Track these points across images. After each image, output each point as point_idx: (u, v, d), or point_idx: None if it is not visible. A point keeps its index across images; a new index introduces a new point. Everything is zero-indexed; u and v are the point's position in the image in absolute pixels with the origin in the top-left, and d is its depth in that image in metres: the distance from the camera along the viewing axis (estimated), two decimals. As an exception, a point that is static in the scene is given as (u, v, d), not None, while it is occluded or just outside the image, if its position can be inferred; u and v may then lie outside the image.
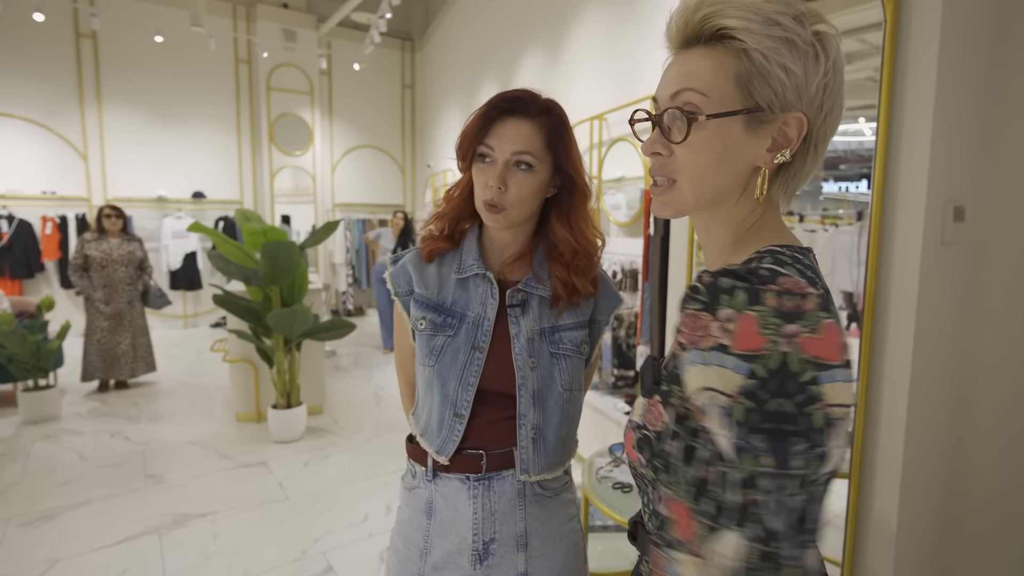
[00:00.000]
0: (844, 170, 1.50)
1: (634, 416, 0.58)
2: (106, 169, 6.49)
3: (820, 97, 0.53)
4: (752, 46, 0.50)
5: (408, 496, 0.99)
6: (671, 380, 0.53)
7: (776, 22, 0.50)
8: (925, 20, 1.20)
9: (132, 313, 4.31)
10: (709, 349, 0.45)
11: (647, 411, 0.56)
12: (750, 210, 0.57)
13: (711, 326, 0.46)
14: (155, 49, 6.41)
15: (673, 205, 0.57)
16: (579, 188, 0.92)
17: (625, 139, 3.36)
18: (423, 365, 0.93)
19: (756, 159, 0.54)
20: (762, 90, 0.52)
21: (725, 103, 0.52)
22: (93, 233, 4.19)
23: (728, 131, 0.53)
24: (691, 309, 0.48)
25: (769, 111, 0.52)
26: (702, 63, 0.53)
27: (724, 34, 0.52)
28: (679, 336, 0.49)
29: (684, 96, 0.54)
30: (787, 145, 0.54)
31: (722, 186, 0.55)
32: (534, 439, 0.91)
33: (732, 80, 0.52)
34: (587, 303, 0.97)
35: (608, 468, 1.73)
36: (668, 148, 0.56)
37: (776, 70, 0.51)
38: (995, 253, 1.37)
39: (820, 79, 0.52)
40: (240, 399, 3.81)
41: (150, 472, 3.01)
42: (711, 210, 0.58)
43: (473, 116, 0.88)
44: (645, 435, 0.55)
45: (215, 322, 7.12)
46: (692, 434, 0.50)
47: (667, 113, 0.55)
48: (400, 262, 0.98)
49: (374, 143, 8.18)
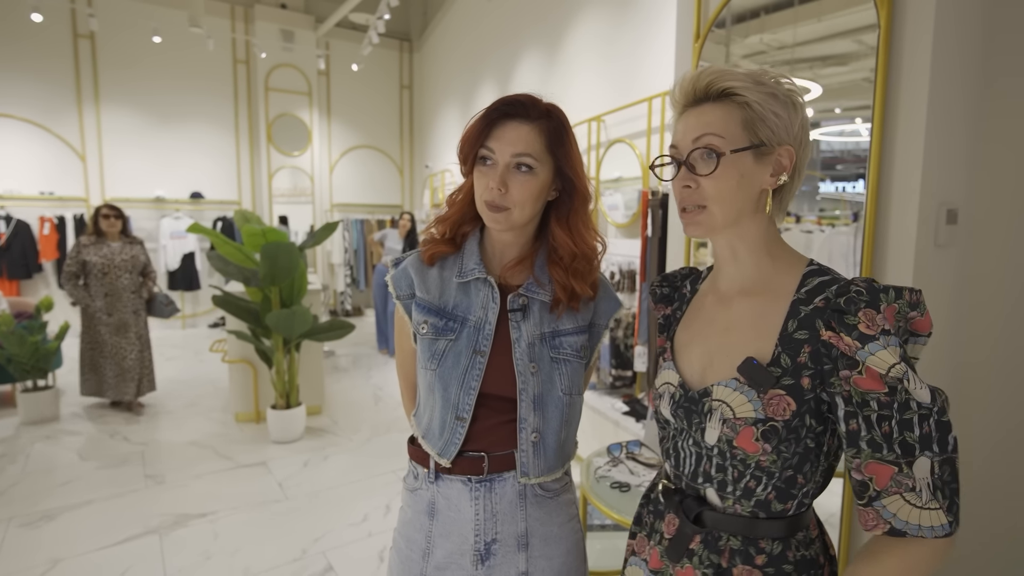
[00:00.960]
0: (841, 170, 1.50)
1: (742, 414, 0.68)
2: (104, 169, 6.49)
3: (800, 135, 0.71)
4: (752, 99, 0.69)
5: (410, 497, 1.00)
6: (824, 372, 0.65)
7: (762, 82, 0.69)
8: (919, 23, 1.21)
9: (138, 324, 3.87)
10: (883, 334, 0.61)
11: (768, 405, 0.67)
12: (764, 226, 0.74)
13: (877, 318, 0.61)
14: (153, 50, 6.42)
15: (705, 224, 0.72)
16: (579, 192, 0.93)
17: (623, 140, 3.37)
18: (425, 369, 0.94)
19: (763, 183, 0.72)
20: (763, 130, 0.69)
21: (737, 142, 0.69)
22: (90, 236, 3.72)
23: (742, 163, 0.70)
24: (863, 307, 0.62)
25: (769, 145, 0.70)
26: (716, 114, 0.70)
27: (729, 92, 0.70)
28: (862, 329, 0.62)
29: (705, 139, 0.70)
30: (783, 171, 0.72)
31: (742, 207, 0.72)
32: (534, 443, 0.92)
33: (740, 124, 0.69)
34: (587, 307, 0.98)
35: (606, 468, 1.74)
36: (696, 181, 0.71)
37: (770, 115, 0.69)
38: (987, 255, 1.39)
39: (799, 121, 0.71)
40: (239, 400, 3.82)
41: (150, 472, 3.02)
42: (734, 228, 0.73)
43: (474, 119, 0.89)
44: (772, 426, 0.66)
45: (213, 322, 7.12)
46: (859, 407, 0.63)
47: (694, 153, 0.71)
48: (401, 265, 0.98)
49: (372, 144, 8.19)
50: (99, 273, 3.70)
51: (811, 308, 0.68)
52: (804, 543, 0.72)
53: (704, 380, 0.75)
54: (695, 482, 0.75)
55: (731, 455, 0.70)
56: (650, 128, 3.09)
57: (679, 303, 0.88)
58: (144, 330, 3.94)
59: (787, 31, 1.56)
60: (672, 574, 0.77)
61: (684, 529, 0.75)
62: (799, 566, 0.70)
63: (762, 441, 0.67)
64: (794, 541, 0.71)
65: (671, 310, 0.89)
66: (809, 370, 0.66)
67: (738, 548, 0.71)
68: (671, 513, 0.79)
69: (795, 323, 0.69)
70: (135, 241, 3.88)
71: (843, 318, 0.63)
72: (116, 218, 3.79)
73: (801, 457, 0.68)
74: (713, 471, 0.72)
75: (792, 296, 0.71)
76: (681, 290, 0.90)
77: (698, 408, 0.73)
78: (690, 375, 0.78)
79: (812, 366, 0.66)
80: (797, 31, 1.54)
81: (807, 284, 0.70)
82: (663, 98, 2.94)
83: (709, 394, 0.72)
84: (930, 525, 0.59)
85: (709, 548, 0.73)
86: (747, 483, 0.70)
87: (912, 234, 1.25)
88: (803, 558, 0.71)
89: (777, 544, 0.70)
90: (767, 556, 0.70)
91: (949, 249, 1.35)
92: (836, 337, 0.64)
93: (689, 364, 0.79)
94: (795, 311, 0.69)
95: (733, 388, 0.69)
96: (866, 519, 0.63)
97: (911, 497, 0.60)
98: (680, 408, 0.76)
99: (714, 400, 0.71)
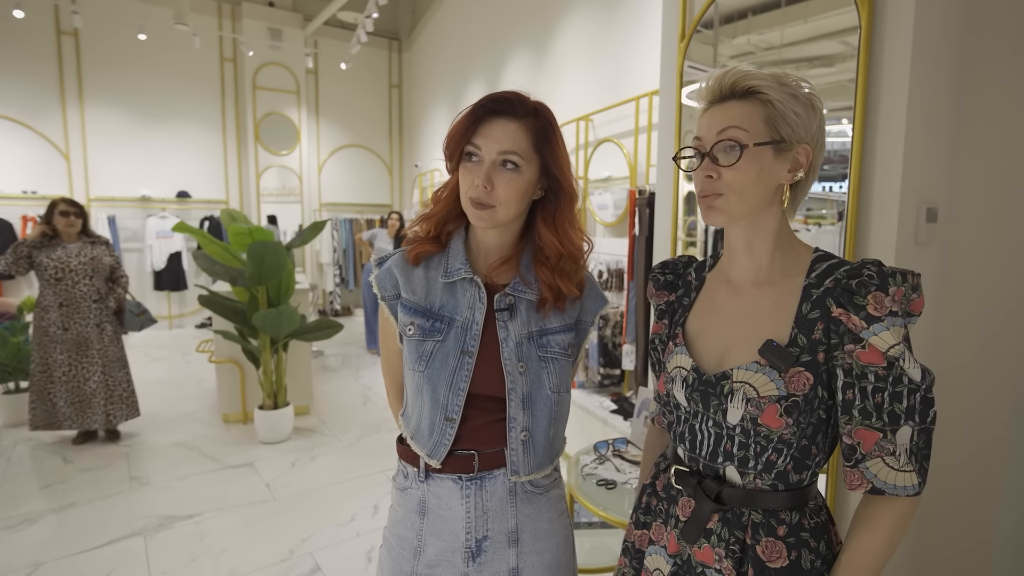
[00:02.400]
0: (827, 170, 1.51)
1: (766, 393, 0.72)
2: (88, 168, 6.41)
3: (817, 135, 0.76)
4: (775, 97, 0.73)
5: (400, 496, 1.00)
6: (832, 346, 0.71)
7: (785, 83, 0.74)
8: (899, 26, 1.23)
9: (102, 339, 3.23)
10: (888, 315, 0.67)
11: (789, 382, 0.72)
12: (779, 220, 0.78)
13: (885, 300, 0.67)
14: (138, 47, 6.35)
15: (724, 211, 0.76)
16: (566, 191, 0.93)
17: (611, 140, 3.38)
18: (412, 370, 0.93)
19: (780, 178, 0.75)
20: (783, 127, 0.73)
21: (760, 137, 0.73)
22: (44, 234, 3.12)
23: (763, 157, 0.73)
24: (873, 291, 0.68)
25: (788, 142, 0.74)
26: (741, 110, 0.74)
27: (753, 90, 0.74)
28: (869, 310, 0.68)
29: (729, 132, 0.73)
30: (800, 168, 0.76)
31: (760, 198, 0.75)
32: (524, 441, 0.92)
33: (763, 121, 0.73)
34: (573, 306, 0.98)
35: (593, 465, 1.75)
36: (717, 172, 0.75)
37: (791, 113, 0.73)
38: (965, 253, 1.41)
39: (816, 122, 0.75)
40: (226, 400, 3.78)
41: (135, 474, 2.99)
42: (752, 219, 0.77)
43: (460, 116, 0.89)
44: (794, 401, 0.71)
45: (200, 323, 7.05)
46: (857, 378, 0.69)
47: (718, 145, 0.74)
48: (386, 265, 0.98)
49: (361, 143, 8.15)
50: (51, 279, 3.10)
51: (822, 290, 0.73)
52: (815, 511, 0.77)
53: (721, 366, 0.78)
54: (714, 462, 0.78)
55: (755, 432, 0.74)
56: (637, 128, 3.10)
57: (685, 290, 0.90)
58: (112, 346, 3.29)
59: (774, 32, 1.57)
60: (691, 554, 0.79)
61: (701, 509, 0.78)
62: (814, 532, 0.76)
63: (785, 416, 0.71)
64: (807, 510, 0.77)
65: (675, 296, 0.91)
66: (823, 345, 0.72)
67: (760, 522, 0.75)
68: (685, 496, 0.81)
69: (808, 305, 0.74)
70: (98, 241, 3.28)
71: (853, 298, 0.69)
72: (76, 216, 3.20)
73: (815, 427, 0.74)
74: (735, 448, 0.76)
75: (804, 282, 0.76)
76: (686, 277, 0.91)
77: (716, 391, 0.76)
78: (706, 361, 0.80)
79: (825, 341, 0.72)
80: (784, 32, 1.55)
81: (816, 269, 0.76)
82: (651, 97, 2.96)
83: (729, 377, 0.75)
84: (904, 485, 0.68)
85: (730, 525, 0.76)
86: (768, 456, 0.74)
87: (893, 232, 1.27)
88: (816, 524, 0.76)
89: (795, 514, 0.75)
90: (787, 526, 0.75)
91: (929, 247, 1.37)
92: (845, 315, 0.70)
93: (705, 351, 0.82)
94: (807, 295, 0.74)
95: (754, 371, 0.73)
96: (851, 479, 0.71)
97: (891, 460, 0.68)
98: (696, 392, 0.79)
99: (735, 382, 0.74)
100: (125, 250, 6.65)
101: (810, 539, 0.75)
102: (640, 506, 0.91)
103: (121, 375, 3.34)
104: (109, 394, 3.29)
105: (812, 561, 0.74)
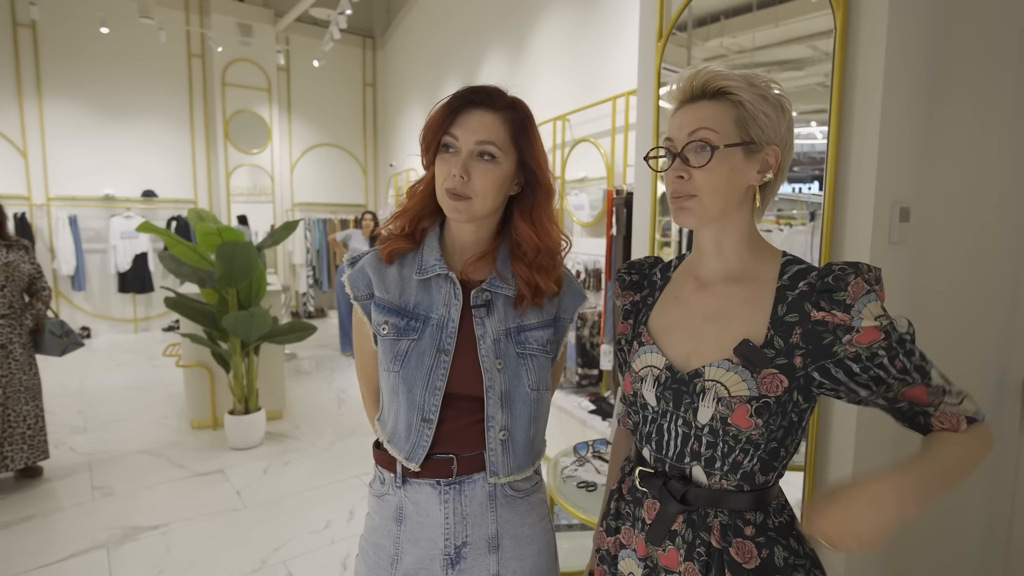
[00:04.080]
0: (797, 171, 1.54)
1: (737, 392, 0.72)
2: (48, 166, 6.17)
3: (786, 136, 0.76)
4: (745, 99, 0.73)
5: (377, 503, 0.97)
6: (824, 347, 0.71)
7: (755, 84, 0.74)
8: (873, 29, 1.24)
9: (8, 363, 2.66)
10: (864, 295, 0.69)
11: (761, 383, 0.71)
12: (748, 221, 0.79)
13: (862, 283, 0.69)
14: (101, 41, 6.13)
15: (695, 212, 0.76)
16: (543, 186, 0.91)
17: (588, 140, 3.38)
18: (387, 371, 0.90)
19: (750, 179, 0.76)
20: (753, 128, 0.73)
21: (730, 138, 0.73)
22: None
23: (733, 158, 0.74)
24: (852, 280, 0.69)
25: (758, 144, 0.74)
26: (711, 110, 0.74)
27: (724, 91, 0.74)
28: (847, 302, 0.69)
29: (700, 133, 0.73)
30: (769, 169, 0.76)
31: (731, 199, 0.76)
32: (503, 441, 0.90)
33: (733, 122, 0.73)
34: (551, 302, 0.96)
35: (573, 467, 1.73)
36: (688, 172, 0.75)
37: (761, 115, 0.73)
38: (934, 252, 1.44)
39: (785, 123, 0.75)
40: (195, 406, 3.67)
41: (98, 484, 2.87)
42: (722, 220, 0.77)
43: (438, 106, 0.87)
44: (765, 402, 0.71)
45: (168, 326, 6.85)
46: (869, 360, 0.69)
47: (689, 146, 0.74)
48: (359, 264, 0.95)
49: (335, 142, 8.03)
50: None
51: (797, 293, 0.73)
52: (777, 510, 0.78)
53: (691, 361, 0.77)
54: (681, 462, 0.78)
55: (724, 432, 0.73)
56: (614, 127, 3.11)
57: (650, 290, 0.90)
58: (22, 373, 2.72)
59: (746, 35, 1.59)
60: (655, 558, 0.78)
61: (666, 511, 0.77)
62: (780, 531, 0.76)
63: (755, 417, 0.71)
64: (771, 509, 0.77)
65: (640, 296, 0.91)
66: (801, 349, 0.71)
67: (727, 523, 0.75)
68: (651, 498, 0.80)
69: (784, 307, 0.74)
70: (15, 244, 2.73)
71: (832, 296, 0.70)
72: None
73: (785, 430, 0.74)
74: (702, 448, 0.75)
75: (776, 283, 0.76)
76: (651, 277, 0.91)
77: (689, 388, 0.75)
78: (675, 358, 0.79)
79: (805, 345, 0.71)
80: (756, 36, 1.57)
81: (787, 271, 0.76)
82: (627, 97, 2.97)
83: (701, 375, 0.74)
84: (975, 411, 0.71)
85: (694, 527, 0.76)
86: (736, 457, 0.74)
87: (868, 232, 1.28)
88: (781, 523, 0.77)
89: (759, 514, 0.75)
90: (754, 526, 0.75)
91: (902, 246, 1.39)
92: (829, 315, 0.70)
93: (673, 347, 0.80)
94: (782, 296, 0.74)
95: (726, 369, 0.73)
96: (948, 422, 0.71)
97: (950, 399, 0.70)
98: (667, 390, 0.78)
99: (707, 380, 0.74)
100: (88, 251, 6.42)
101: (777, 537, 0.75)
102: (610, 512, 0.89)
103: (28, 409, 2.75)
104: (7, 431, 2.68)
105: (785, 558, 0.74)
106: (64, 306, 6.37)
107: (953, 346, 1.42)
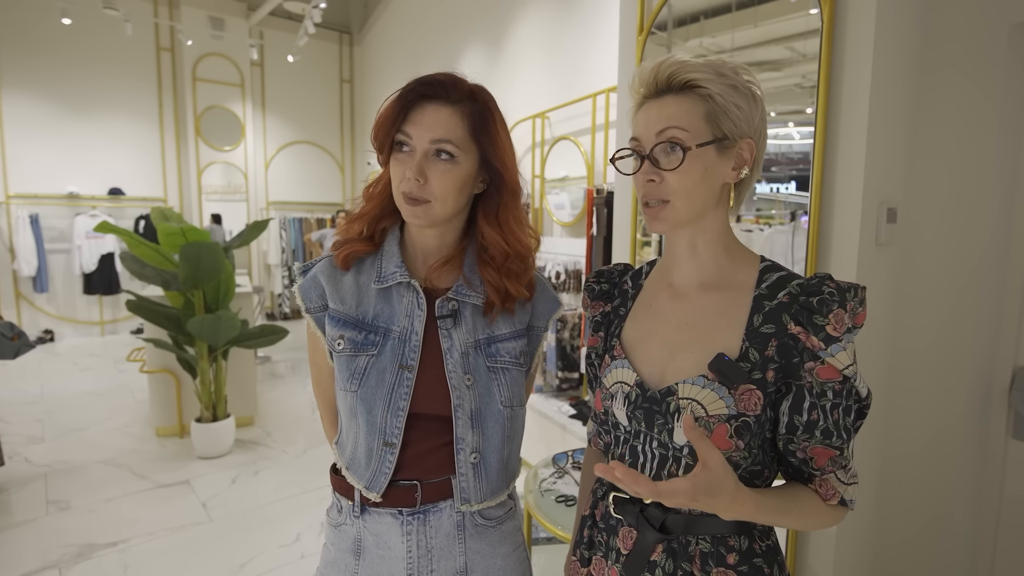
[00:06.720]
0: (775, 172, 1.54)
1: (715, 411, 0.66)
2: (7, 163, 5.91)
3: (760, 127, 0.71)
4: (714, 91, 0.67)
5: (334, 534, 0.88)
6: (792, 365, 0.67)
7: (723, 74, 0.68)
8: (860, 27, 1.21)
9: None
10: (845, 333, 0.64)
11: (739, 400, 0.66)
12: (724, 221, 0.74)
13: (844, 318, 0.64)
14: (63, 33, 5.89)
15: (670, 219, 0.70)
16: (508, 184, 0.83)
17: (568, 138, 3.32)
18: (344, 391, 0.82)
19: (725, 176, 0.71)
20: (725, 123, 0.68)
21: (701, 136, 0.67)
22: None
23: (706, 157, 0.68)
24: (834, 309, 0.64)
25: (731, 139, 0.69)
26: (679, 107, 0.68)
27: (691, 84, 0.68)
28: (828, 330, 0.64)
29: (669, 132, 0.67)
30: (744, 164, 0.71)
31: (707, 200, 0.70)
32: (474, 464, 0.82)
33: (703, 118, 0.67)
34: (523, 310, 0.88)
35: (552, 480, 1.66)
36: (659, 175, 0.69)
37: (732, 107, 0.67)
38: (921, 253, 1.40)
39: (759, 113, 0.70)
40: (160, 413, 3.52)
41: (53, 498, 2.72)
42: (697, 223, 0.72)
43: (388, 102, 0.78)
44: (745, 421, 0.66)
45: (136, 328, 6.62)
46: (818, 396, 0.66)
47: (658, 147, 0.69)
48: (311, 272, 0.86)
49: (311, 139, 7.85)
50: None
51: (775, 303, 0.68)
52: (764, 533, 0.72)
53: (665, 377, 0.71)
54: None
55: None
56: (595, 125, 3.05)
57: (621, 300, 0.83)
58: None
59: (726, 36, 1.58)
60: None
61: (644, 540, 0.71)
62: (766, 556, 0.71)
63: (735, 438, 0.66)
64: (756, 532, 0.71)
65: (611, 307, 0.83)
66: (775, 363, 0.67)
67: (709, 551, 0.69)
68: (626, 526, 0.73)
69: (760, 317, 0.68)
70: None
71: (813, 317, 0.65)
72: None
73: (763, 450, 0.70)
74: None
75: (753, 291, 0.70)
76: (621, 286, 0.84)
77: (661, 408, 0.69)
78: (648, 373, 0.73)
79: (778, 360, 0.67)
80: (735, 36, 1.55)
81: (766, 279, 0.71)
82: (607, 94, 2.91)
83: (674, 393, 0.69)
84: (850, 499, 0.69)
85: (676, 557, 0.70)
86: None
87: (855, 233, 1.24)
88: (767, 547, 0.72)
89: (743, 539, 0.70)
90: (738, 553, 0.69)
91: (889, 247, 1.35)
92: (804, 334, 0.65)
93: (646, 361, 0.74)
94: (759, 306, 0.69)
95: (701, 386, 0.67)
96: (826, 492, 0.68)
97: (841, 475, 0.68)
98: (639, 409, 0.72)
99: (682, 399, 0.68)
100: (51, 251, 6.17)
101: (764, 565, 0.70)
102: (582, 541, 0.81)
103: None
104: None
105: None
106: (25, 308, 6.12)
107: (938, 350, 1.38)
